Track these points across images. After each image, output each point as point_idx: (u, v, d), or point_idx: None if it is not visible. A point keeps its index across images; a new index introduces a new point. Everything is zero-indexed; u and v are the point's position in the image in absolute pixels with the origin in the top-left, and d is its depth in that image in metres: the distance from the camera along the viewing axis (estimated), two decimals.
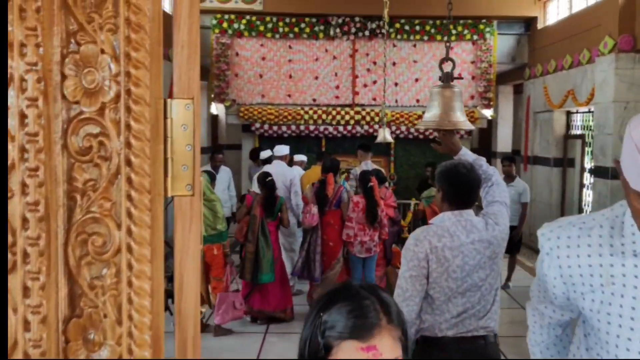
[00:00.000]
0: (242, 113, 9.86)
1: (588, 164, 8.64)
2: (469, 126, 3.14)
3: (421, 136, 9.91)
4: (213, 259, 5.35)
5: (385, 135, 7.55)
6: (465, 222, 2.39)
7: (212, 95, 9.96)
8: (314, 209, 5.64)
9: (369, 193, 5.70)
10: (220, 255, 5.38)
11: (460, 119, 2.99)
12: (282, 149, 6.87)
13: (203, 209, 5.27)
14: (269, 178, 5.60)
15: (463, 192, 2.44)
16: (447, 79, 3.18)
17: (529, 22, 10.03)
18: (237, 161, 11.18)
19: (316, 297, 5.76)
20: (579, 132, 8.86)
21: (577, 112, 8.90)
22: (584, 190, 8.56)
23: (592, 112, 8.28)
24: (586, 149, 8.58)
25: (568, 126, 9.16)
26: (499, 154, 12.05)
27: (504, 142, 12.08)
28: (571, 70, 8.39)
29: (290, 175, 6.60)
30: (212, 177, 5.65)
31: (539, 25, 9.77)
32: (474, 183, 2.46)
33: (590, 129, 8.51)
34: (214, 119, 14.23)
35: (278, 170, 6.54)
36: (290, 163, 8.07)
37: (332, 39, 9.91)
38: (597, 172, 7.25)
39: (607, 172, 6.97)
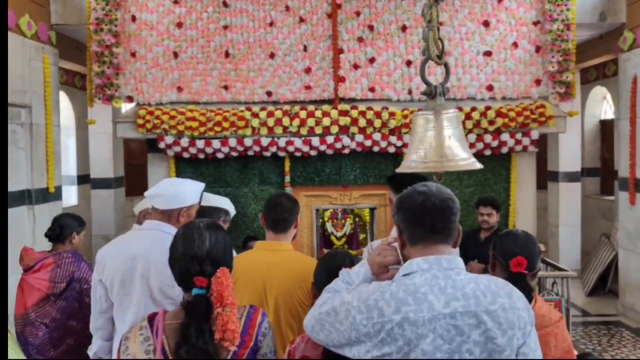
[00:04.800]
0: (142, 120, 5.63)
1: None
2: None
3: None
4: None
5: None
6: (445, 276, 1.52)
7: (92, 91, 5.72)
8: None
9: None
10: None
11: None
12: (177, 190, 2.53)
13: None
14: None
15: (423, 221, 1.56)
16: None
17: None
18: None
19: None
20: None
21: None
22: None
23: None
24: None
25: None
26: (563, 175, 7.93)
27: (569, 156, 7.93)
28: None
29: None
30: None
31: None
32: (439, 208, 1.56)
33: None
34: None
35: (138, 249, 2.39)
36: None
37: None
38: None
39: None
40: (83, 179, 8.42)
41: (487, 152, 5.75)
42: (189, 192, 2.54)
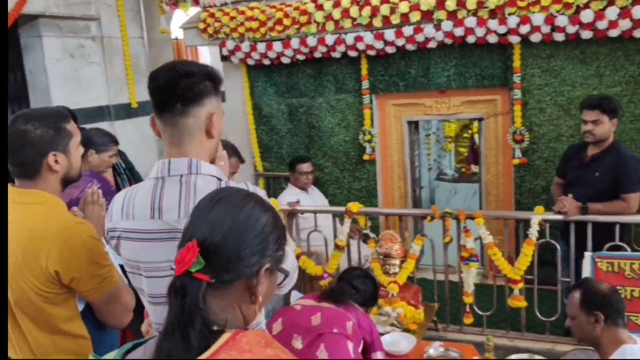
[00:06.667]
0: (204, 24, 5.07)
1: None
2: None
3: (589, 33, 3.99)
4: None
5: None
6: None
7: None
8: None
9: None
10: None
11: None
12: None
13: None
14: None
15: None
16: None
17: None
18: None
19: None
20: None
21: None
22: None
23: None
24: None
25: None
26: None
27: None
28: None
29: None
30: None
31: None
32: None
33: None
34: None
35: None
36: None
37: None
38: None
39: None
40: None
41: (614, 33, 3.88)
42: None
